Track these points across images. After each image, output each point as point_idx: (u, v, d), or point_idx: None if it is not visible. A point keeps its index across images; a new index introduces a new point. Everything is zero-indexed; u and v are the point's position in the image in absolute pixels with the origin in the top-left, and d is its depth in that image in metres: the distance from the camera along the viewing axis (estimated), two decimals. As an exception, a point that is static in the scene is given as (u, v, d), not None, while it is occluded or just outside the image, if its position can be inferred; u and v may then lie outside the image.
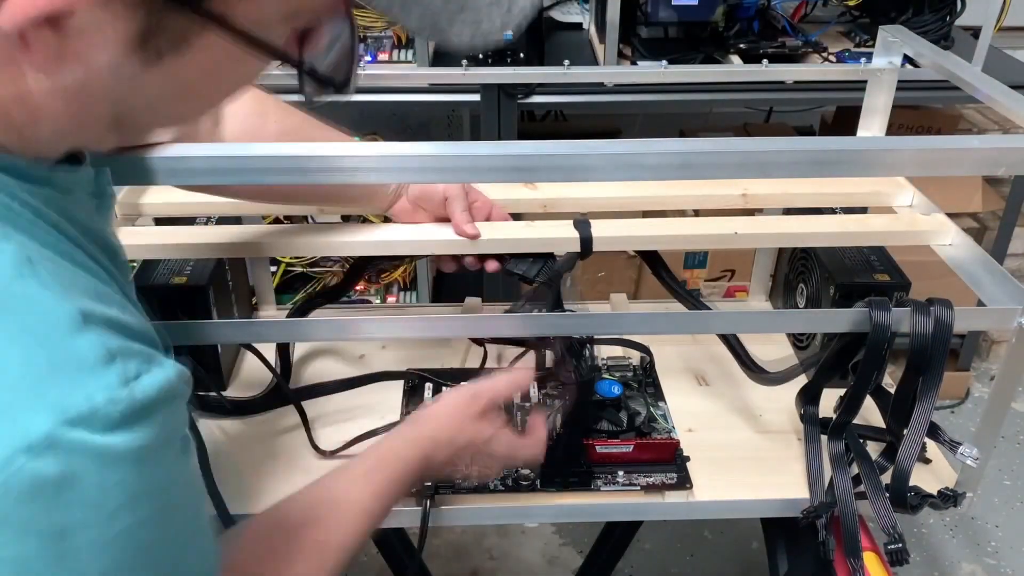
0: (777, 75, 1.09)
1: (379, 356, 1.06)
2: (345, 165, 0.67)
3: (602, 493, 0.85)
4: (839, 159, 0.68)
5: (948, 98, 1.79)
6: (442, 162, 0.66)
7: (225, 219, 0.98)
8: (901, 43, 0.98)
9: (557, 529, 1.73)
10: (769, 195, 0.97)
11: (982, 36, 1.58)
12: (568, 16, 1.95)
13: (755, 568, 1.63)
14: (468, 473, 0.76)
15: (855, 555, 0.80)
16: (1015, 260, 2.07)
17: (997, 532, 1.75)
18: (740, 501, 0.86)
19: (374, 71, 1.30)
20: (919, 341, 0.74)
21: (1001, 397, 0.80)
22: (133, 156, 0.64)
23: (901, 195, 0.97)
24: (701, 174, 0.70)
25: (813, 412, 0.87)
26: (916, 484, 0.81)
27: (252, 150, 0.67)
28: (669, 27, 1.66)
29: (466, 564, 1.67)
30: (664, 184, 0.95)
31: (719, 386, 1.00)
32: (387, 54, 1.70)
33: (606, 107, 1.80)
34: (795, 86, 1.53)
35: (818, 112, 2.25)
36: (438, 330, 0.84)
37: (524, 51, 1.56)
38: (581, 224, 0.86)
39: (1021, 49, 1.86)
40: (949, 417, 2.04)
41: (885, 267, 0.93)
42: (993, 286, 0.80)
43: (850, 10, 1.79)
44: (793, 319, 0.95)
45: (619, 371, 0.99)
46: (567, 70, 1.06)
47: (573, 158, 0.66)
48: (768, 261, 1.14)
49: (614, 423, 0.88)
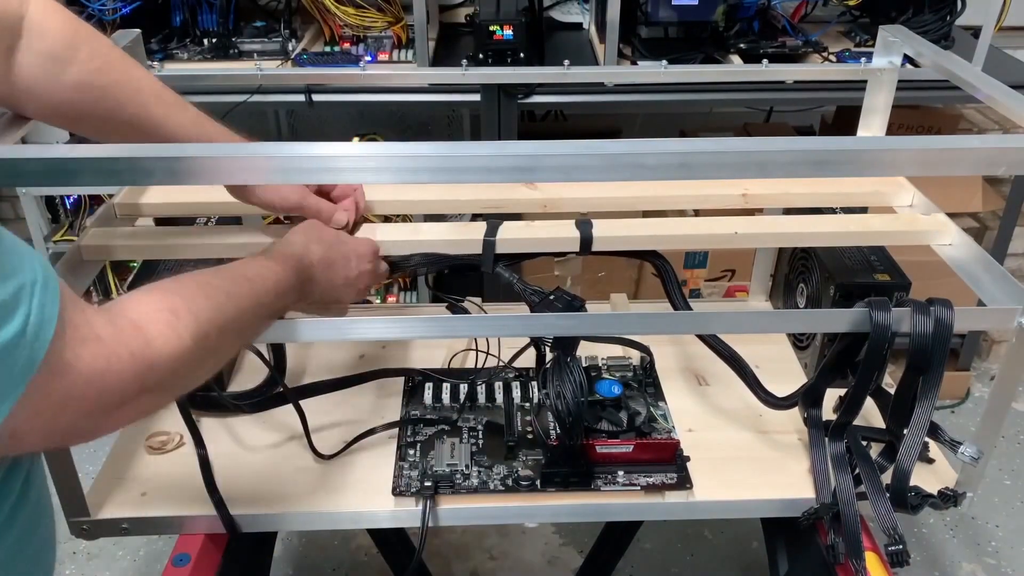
0: (777, 75, 1.09)
1: (379, 356, 1.06)
2: (344, 165, 0.67)
3: (602, 493, 0.85)
4: (839, 159, 0.68)
5: (948, 98, 1.79)
6: (442, 162, 0.66)
7: (225, 219, 0.98)
8: (901, 43, 0.98)
9: (557, 529, 1.73)
10: (769, 195, 0.97)
11: (982, 36, 1.58)
12: (568, 16, 1.95)
13: (755, 568, 1.62)
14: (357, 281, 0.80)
15: (857, 556, 0.80)
16: (1015, 260, 2.07)
17: (997, 532, 1.74)
18: (740, 501, 0.86)
19: (374, 71, 1.30)
20: (919, 341, 0.74)
21: (1001, 397, 0.80)
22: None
23: (901, 195, 0.97)
24: (701, 174, 0.70)
25: (816, 415, 0.87)
26: (916, 484, 0.81)
27: (252, 150, 0.67)
28: (669, 27, 1.66)
29: (466, 564, 1.67)
30: (664, 184, 0.95)
31: (719, 386, 1.00)
32: (387, 54, 1.70)
33: (606, 107, 1.80)
34: (795, 86, 1.53)
35: (818, 112, 2.25)
36: (438, 330, 0.84)
37: (524, 51, 1.56)
38: (582, 224, 0.86)
39: (1021, 49, 1.85)
40: (949, 417, 2.04)
41: (885, 267, 0.93)
42: (993, 286, 0.80)
43: (850, 10, 1.79)
44: (793, 319, 0.95)
45: (619, 371, 0.99)
46: (567, 70, 1.06)
47: (573, 158, 0.65)
48: (768, 261, 1.14)
49: (614, 423, 0.88)
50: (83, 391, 0.48)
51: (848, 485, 0.82)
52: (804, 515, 0.84)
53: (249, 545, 0.90)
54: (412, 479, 0.86)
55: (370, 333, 0.77)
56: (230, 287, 0.64)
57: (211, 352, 0.60)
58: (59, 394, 0.47)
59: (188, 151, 0.65)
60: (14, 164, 0.62)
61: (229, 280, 0.65)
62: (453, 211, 1.00)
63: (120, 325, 0.52)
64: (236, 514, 0.83)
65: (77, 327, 0.48)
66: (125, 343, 0.51)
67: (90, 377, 0.49)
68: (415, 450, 0.90)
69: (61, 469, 0.79)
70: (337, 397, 0.96)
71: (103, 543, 1.65)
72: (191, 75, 1.26)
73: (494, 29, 1.53)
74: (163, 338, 0.54)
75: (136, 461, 0.91)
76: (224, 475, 0.85)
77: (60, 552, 0.65)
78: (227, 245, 0.86)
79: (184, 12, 1.70)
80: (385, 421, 0.94)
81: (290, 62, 1.66)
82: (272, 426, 0.94)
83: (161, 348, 0.53)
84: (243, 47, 1.70)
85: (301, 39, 1.75)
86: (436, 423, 0.93)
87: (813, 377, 0.86)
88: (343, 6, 1.66)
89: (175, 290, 0.59)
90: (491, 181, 0.87)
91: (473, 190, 0.95)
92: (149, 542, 1.70)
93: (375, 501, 0.85)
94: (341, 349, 1.06)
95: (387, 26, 1.69)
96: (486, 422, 0.94)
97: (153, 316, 0.54)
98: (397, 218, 1.27)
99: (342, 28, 1.70)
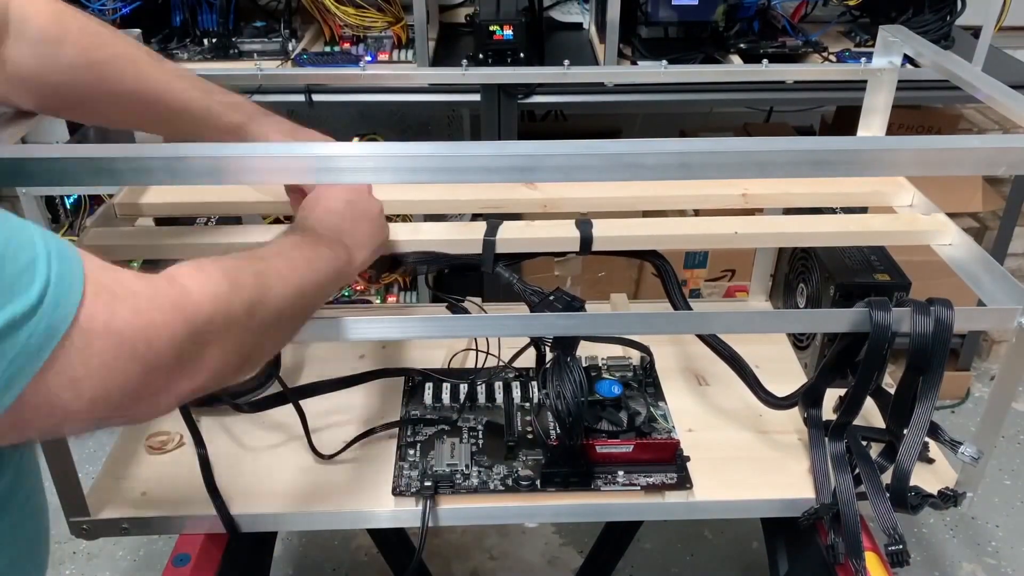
0: (777, 75, 1.09)
1: (379, 355, 1.06)
2: (344, 165, 0.67)
3: (602, 493, 0.85)
4: (839, 159, 0.68)
5: (948, 98, 1.79)
6: (442, 162, 0.66)
7: (225, 219, 0.98)
8: (901, 43, 0.98)
9: (557, 529, 1.73)
10: (769, 195, 0.97)
11: (982, 36, 1.58)
12: (568, 16, 1.95)
13: (755, 568, 1.62)
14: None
15: (857, 556, 0.80)
16: (1015, 260, 2.07)
17: (997, 532, 1.74)
18: (740, 501, 0.86)
19: (374, 71, 1.30)
20: (919, 341, 0.74)
21: (1001, 397, 0.80)
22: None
23: (901, 195, 0.97)
24: (701, 174, 0.70)
25: (817, 415, 0.87)
26: (916, 484, 0.81)
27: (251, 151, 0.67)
28: (669, 27, 1.66)
29: (466, 564, 1.67)
30: (664, 184, 0.95)
31: (719, 386, 1.00)
32: (387, 54, 1.70)
33: (606, 107, 1.80)
34: (795, 86, 1.53)
35: (818, 112, 2.25)
36: (438, 330, 0.84)
37: (524, 51, 1.56)
38: (582, 223, 0.86)
39: (1021, 49, 1.85)
40: (949, 417, 2.04)
41: (885, 267, 0.93)
42: (993, 286, 0.80)
43: (850, 10, 1.79)
44: (793, 319, 0.95)
45: (619, 371, 0.99)
46: (567, 70, 1.06)
47: (573, 158, 0.65)
48: (768, 261, 1.14)
49: (614, 423, 0.88)
50: (132, 348, 0.47)
51: (848, 485, 0.82)
52: (804, 515, 0.84)
53: (249, 545, 0.90)
54: (412, 479, 0.86)
55: (370, 333, 0.77)
56: (252, 252, 0.63)
57: (256, 302, 0.57)
58: (103, 356, 0.46)
59: (188, 151, 0.65)
60: (14, 164, 0.62)
61: (257, 249, 0.64)
62: (453, 211, 1.00)
63: (154, 281, 0.51)
64: (236, 514, 0.83)
65: (107, 286, 0.47)
66: (164, 294, 0.50)
67: (135, 333, 0.47)
68: (415, 450, 0.90)
69: (61, 469, 0.79)
70: (337, 397, 0.96)
71: (103, 543, 1.65)
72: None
73: (494, 29, 1.53)
74: (197, 283, 0.53)
75: (136, 461, 0.91)
76: (224, 475, 0.85)
77: (60, 552, 0.65)
78: (227, 245, 0.86)
79: (184, 12, 1.70)
80: (385, 421, 0.94)
81: (290, 62, 1.66)
82: (272, 426, 0.94)
83: (199, 293, 0.52)
84: (243, 47, 1.70)
85: (301, 39, 1.75)
86: (436, 423, 0.93)
87: (813, 377, 0.86)
88: (343, 6, 1.66)
89: (204, 258, 0.57)
90: (491, 181, 0.87)
91: (473, 190, 0.95)
92: (149, 542, 1.70)
93: (375, 501, 0.85)
94: (341, 349, 1.06)
95: (387, 26, 1.69)
96: (486, 422, 0.94)
97: (182, 270, 0.54)
98: (397, 218, 1.26)
99: (342, 28, 1.70)
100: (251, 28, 1.74)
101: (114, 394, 0.47)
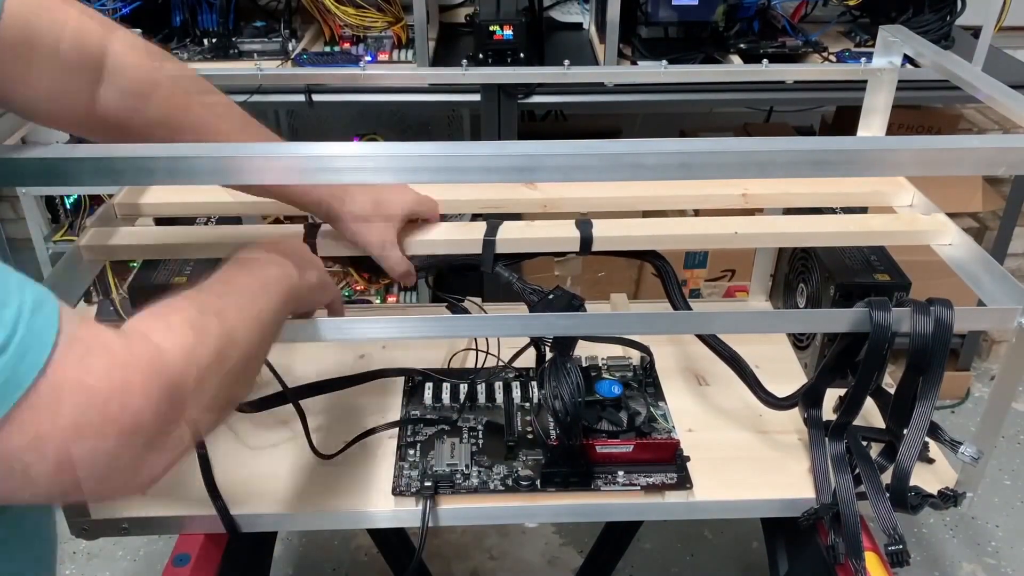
0: (777, 75, 1.09)
1: (379, 356, 1.06)
2: (344, 165, 0.67)
3: (602, 493, 0.85)
4: (839, 159, 0.68)
5: (948, 98, 1.79)
6: (442, 162, 0.66)
7: (225, 219, 0.98)
8: (901, 43, 0.98)
9: (557, 529, 1.73)
10: (769, 195, 0.97)
11: (982, 36, 1.58)
12: (568, 16, 1.95)
13: (755, 568, 1.63)
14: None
15: (857, 556, 0.80)
16: (1015, 260, 2.07)
17: (997, 532, 1.75)
18: (740, 501, 0.86)
19: (374, 71, 1.30)
20: (919, 341, 0.74)
21: (1001, 397, 0.80)
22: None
23: (901, 195, 0.97)
24: (701, 174, 0.70)
25: (817, 416, 0.87)
26: (916, 484, 0.81)
27: (251, 150, 0.67)
28: (669, 27, 1.66)
29: (466, 564, 1.67)
30: (664, 184, 0.95)
31: (719, 386, 1.00)
32: (387, 54, 1.70)
33: (606, 107, 1.80)
34: (795, 86, 1.53)
35: (818, 112, 2.25)
36: (438, 330, 0.84)
37: (524, 51, 1.56)
38: (582, 223, 0.86)
39: (1021, 49, 1.86)
40: (949, 417, 2.04)
41: (885, 267, 0.93)
42: (993, 286, 0.81)
43: (850, 10, 1.79)
44: (793, 319, 0.95)
45: (619, 371, 0.99)
46: (567, 70, 1.06)
47: (573, 158, 0.65)
48: (768, 261, 1.14)
49: (614, 423, 0.88)
50: (104, 407, 0.44)
51: (848, 485, 0.82)
52: (804, 515, 0.84)
53: (249, 545, 0.90)
54: (412, 479, 0.86)
55: (370, 333, 0.77)
56: (210, 285, 0.62)
57: (226, 344, 0.56)
58: (74, 413, 0.43)
59: (188, 151, 0.65)
60: (14, 164, 0.62)
61: (207, 284, 0.63)
62: (453, 211, 1.00)
63: (130, 335, 0.49)
64: (236, 514, 0.83)
65: (82, 340, 0.44)
66: (139, 353, 0.47)
67: (110, 391, 0.44)
68: (415, 450, 0.90)
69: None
70: (337, 397, 0.96)
71: (103, 543, 1.65)
72: (191, 75, 1.26)
73: (494, 29, 1.54)
74: (168, 342, 0.50)
75: (136, 461, 0.90)
76: (224, 475, 0.85)
77: (60, 552, 0.65)
78: (227, 245, 0.86)
79: (184, 12, 1.70)
80: (385, 421, 0.94)
81: (290, 62, 1.66)
82: (272, 426, 0.94)
83: (171, 352, 0.50)
84: (243, 47, 1.70)
85: (301, 39, 1.75)
86: (436, 423, 0.93)
87: (813, 377, 0.86)
88: (343, 6, 1.66)
89: (160, 305, 0.55)
90: (491, 181, 0.87)
91: (473, 190, 0.95)
92: (149, 542, 1.71)
93: (375, 501, 0.85)
94: (341, 349, 1.06)
95: (387, 26, 1.69)
96: (486, 422, 0.94)
97: (151, 326, 0.51)
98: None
99: (342, 28, 1.70)
100: (251, 28, 1.74)
101: (84, 459, 0.44)
